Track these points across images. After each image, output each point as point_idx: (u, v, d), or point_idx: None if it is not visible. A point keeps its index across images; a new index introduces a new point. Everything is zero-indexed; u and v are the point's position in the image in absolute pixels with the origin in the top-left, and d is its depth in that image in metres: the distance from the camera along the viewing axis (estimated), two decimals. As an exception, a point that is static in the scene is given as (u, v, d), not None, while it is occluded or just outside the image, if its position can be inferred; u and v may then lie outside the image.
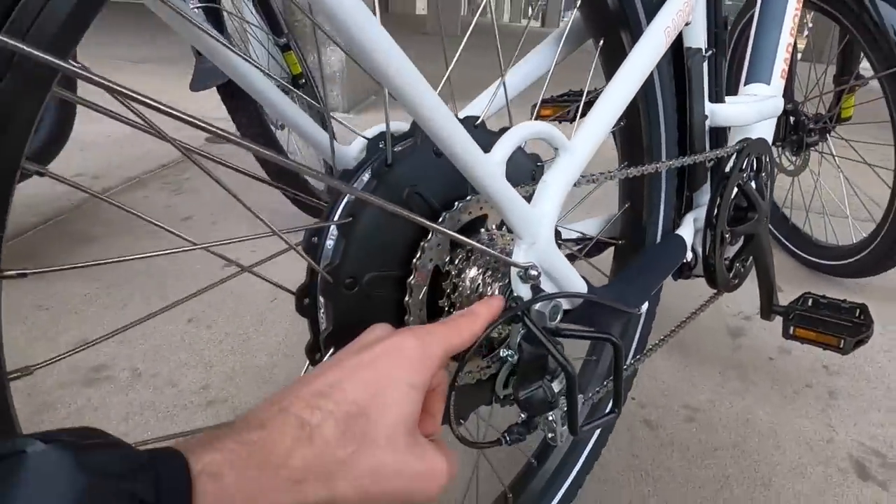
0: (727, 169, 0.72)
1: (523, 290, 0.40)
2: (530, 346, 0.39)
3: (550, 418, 0.42)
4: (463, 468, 0.78)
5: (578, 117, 0.57)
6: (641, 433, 0.86)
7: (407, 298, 0.40)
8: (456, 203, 0.42)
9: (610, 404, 0.42)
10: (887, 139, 1.09)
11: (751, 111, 0.73)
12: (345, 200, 0.38)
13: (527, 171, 0.48)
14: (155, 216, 1.60)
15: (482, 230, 0.44)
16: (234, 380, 0.93)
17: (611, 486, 0.76)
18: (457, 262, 0.42)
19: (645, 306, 0.59)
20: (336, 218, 0.38)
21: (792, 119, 1.21)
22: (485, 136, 0.42)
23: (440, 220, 0.40)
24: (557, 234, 0.46)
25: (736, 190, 0.72)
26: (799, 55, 1.22)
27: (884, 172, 1.16)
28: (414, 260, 0.40)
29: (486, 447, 0.41)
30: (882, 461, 0.83)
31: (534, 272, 0.39)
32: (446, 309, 0.42)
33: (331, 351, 0.39)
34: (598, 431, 0.71)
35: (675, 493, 0.76)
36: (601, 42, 0.56)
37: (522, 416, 0.41)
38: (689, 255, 0.75)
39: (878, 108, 1.14)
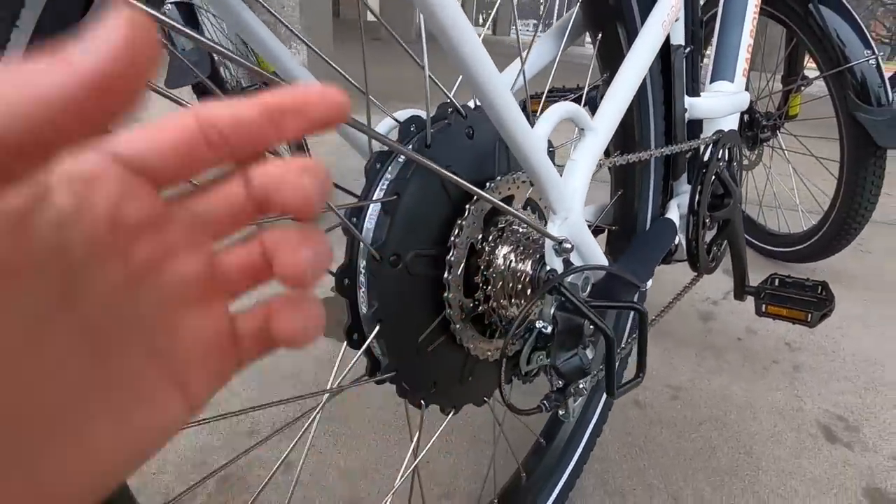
0: (706, 158, 0.77)
1: (557, 263, 0.42)
2: (565, 317, 0.41)
3: (581, 385, 0.44)
4: (475, 443, 0.79)
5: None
6: (632, 413, 0.90)
7: (446, 275, 0.41)
8: (487, 183, 0.44)
9: (635, 370, 0.45)
10: (833, 134, 1.20)
11: (725, 104, 0.79)
12: (386, 179, 0.39)
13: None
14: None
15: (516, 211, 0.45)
16: (223, 383, 0.90)
17: (610, 463, 0.80)
18: (490, 238, 0.43)
19: (650, 283, 0.63)
20: (377, 197, 0.39)
21: (747, 116, 1.31)
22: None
23: (474, 198, 0.42)
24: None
25: (713, 178, 0.78)
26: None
27: (832, 165, 1.27)
28: (452, 237, 0.41)
29: (530, 413, 0.43)
30: (846, 424, 0.91)
31: (567, 245, 0.41)
32: (481, 285, 0.44)
33: (375, 331, 0.40)
34: (598, 410, 0.74)
35: (668, 465, 0.80)
36: (599, 36, 0.60)
37: (559, 383, 0.43)
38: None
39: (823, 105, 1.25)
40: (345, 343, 0.42)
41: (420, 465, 0.77)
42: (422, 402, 0.45)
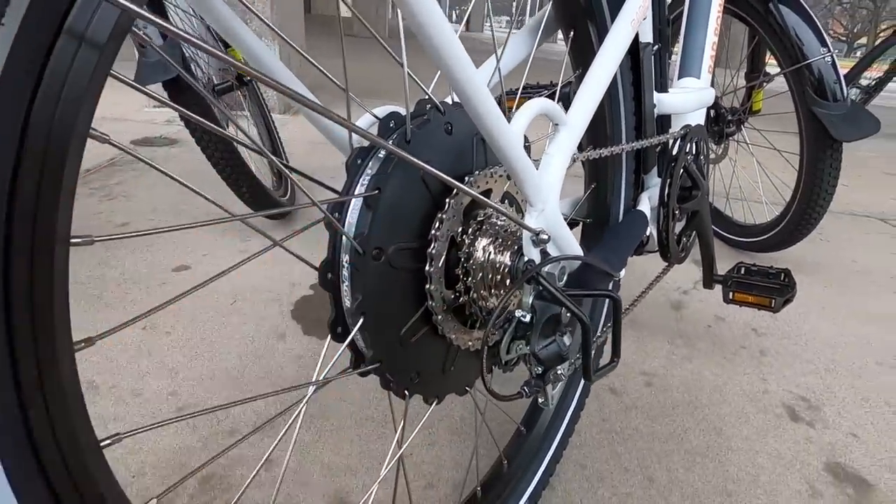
0: (674, 152, 0.80)
1: (534, 254, 0.43)
2: (543, 305, 0.43)
3: (560, 371, 0.46)
4: (457, 434, 0.81)
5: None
6: (608, 400, 0.93)
7: (428, 267, 0.42)
8: (465, 178, 0.45)
9: (611, 355, 0.47)
10: (794, 128, 1.25)
11: (691, 100, 0.82)
12: (367, 175, 0.40)
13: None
14: (84, 224, 1.49)
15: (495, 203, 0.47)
16: (203, 384, 0.89)
17: (587, 448, 0.82)
18: (470, 231, 0.44)
19: (623, 272, 0.65)
20: (358, 192, 0.40)
21: (713, 112, 1.36)
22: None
23: (454, 192, 0.43)
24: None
25: (682, 170, 0.81)
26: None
27: (794, 159, 1.32)
28: (433, 230, 0.42)
29: (511, 399, 0.44)
30: (808, 404, 0.96)
31: (544, 236, 0.42)
32: (461, 277, 0.45)
33: (359, 323, 0.40)
34: (576, 398, 0.76)
35: (643, 448, 0.83)
36: (571, 34, 0.62)
37: (539, 369, 0.45)
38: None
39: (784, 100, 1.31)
40: (328, 337, 0.43)
41: (404, 456, 0.78)
42: (405, 392, 0.46)
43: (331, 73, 0.41)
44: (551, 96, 0.71)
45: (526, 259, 0.43)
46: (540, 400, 0.50)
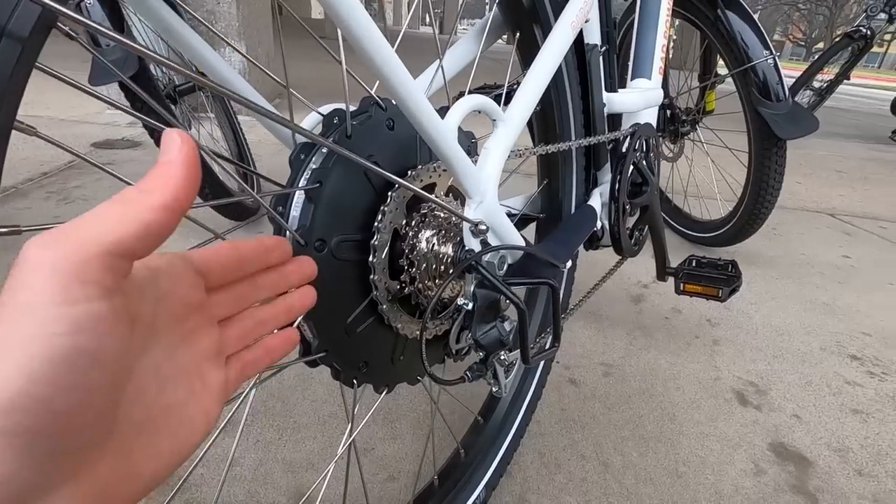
0: (624, 149, 0.83)
1: (474, 244, 0.45)
2: (484, 293, 0.45)
3: (503, 356, 0.47)
4: (420, 428, 0.82)
5: (502, 104, 0.65)
6: (567, 390, 0.96)
7: (371, 258, 0.44)
8: (409, 172, 0.46)
9: (550, 340, 0.49)
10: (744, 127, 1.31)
11: (640, 99, 0.86)
12: (309, 169, 0.41)
13: (464, 146, 0.54)
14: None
15: (432, 196, 0.48)
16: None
17: (546, 437, 0.85)
18: (413, 223, 0.46)
19: (569, 264, 0.67)
20: (302, 185, 0.41)
21: (669, 112, 1.41)
22: (430, 112, 0.46)
23: (395, 186, 0.45)
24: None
25: (632, 167, 0.84)
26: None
27: (745, 157, 1.38)
28: (376, 222, 0.44)
29: (453, 384, 0.46)
30: (756, 389, 1.00)
31: (483, 227, 0.44)
32: (406, 268, 0.46)
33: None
34: (533, 387, 0.78)
35: (600, 436, 0.86)
36: (517, 35, 0.64)
37: (480, 355, 0.47)
38: (598, 225, 0.85)
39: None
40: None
41: (366, 451, 0.79)
42: (354, 381, 0.47)
43: (304, 75, 0.42)
44: (498, 97, 0.73)
45: (466, 249, 0.45)
46: (494, 389, 0.52)
